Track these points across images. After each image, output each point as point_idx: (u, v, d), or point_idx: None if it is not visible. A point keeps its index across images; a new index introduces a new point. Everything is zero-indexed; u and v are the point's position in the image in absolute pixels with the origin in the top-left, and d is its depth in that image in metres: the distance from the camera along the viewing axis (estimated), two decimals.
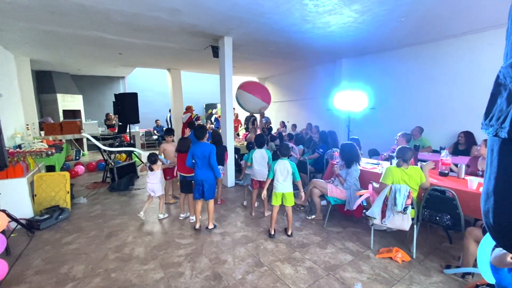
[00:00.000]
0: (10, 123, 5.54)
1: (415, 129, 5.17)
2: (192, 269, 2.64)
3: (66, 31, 4.65)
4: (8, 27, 4.38)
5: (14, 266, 2.69)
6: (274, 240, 3.23)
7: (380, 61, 6.35)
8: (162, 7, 3.64)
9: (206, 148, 3.34)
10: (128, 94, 6.08)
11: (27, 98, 6.70)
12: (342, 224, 3.66)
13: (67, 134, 6.40)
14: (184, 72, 9.33)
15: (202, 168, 3.36)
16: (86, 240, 3.26)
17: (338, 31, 4.73)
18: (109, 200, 4.70)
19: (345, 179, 3.52)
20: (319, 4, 3.55)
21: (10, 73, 6.06)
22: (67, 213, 3.94)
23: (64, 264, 2.75)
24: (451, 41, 5.07)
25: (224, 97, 5.28)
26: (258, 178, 3.91)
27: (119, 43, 5.51)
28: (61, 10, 3.71)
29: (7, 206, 3.06)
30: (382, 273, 2.56)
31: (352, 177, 3.48)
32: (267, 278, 2.49)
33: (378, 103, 6.17)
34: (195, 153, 3.34)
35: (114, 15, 3.90)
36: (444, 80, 5.25)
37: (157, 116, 11.49)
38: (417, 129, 5.16)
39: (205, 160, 3.33)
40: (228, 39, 5.08)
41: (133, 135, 8.90)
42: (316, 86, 8.47)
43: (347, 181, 3.49)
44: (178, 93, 9.02)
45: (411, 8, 3.72)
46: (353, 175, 3.48)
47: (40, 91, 8.69)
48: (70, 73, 9.68)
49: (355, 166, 3.51)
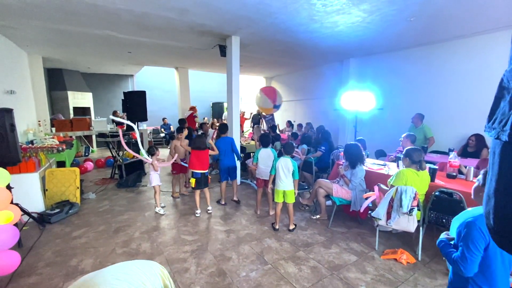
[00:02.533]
0: (23, 119, 5.69)
1: (416, 116, 5.09)
2: (197, 265, 2.69)
3: (78, 30, 4.75)
4: (21, 25, 4.50)
5: (26, 258, 2.78)
6: (278, 238, 3.25)
7: (389, 61, 6.29)
8: (171, 6, 3.68)
9: (227, 140, 4.32)
10: (137, 92, 6.17)
11: (39, 95, 6.87)
12: (347, 225, 3.65)
13: (77, 131, 6.54)
14: (191, 70, 9.40)
15: (226, 156, 4.23)
16: (94, 234, 3.34)
17: (346, 31, 4.70)
18: (117, 196, 4.79)
19: (350, 179, 3.51)
20: (327, 3, 3.55)
21: (23, 71, 6.22)
22: (77, 208, 4.04)
23: (73, 257, 2.82)
24: (462, 41, 4.98)
25: (231, 96, 5.31)
26: (264, 177, 3.94)
27: (129, 42, 5.59)
28: (73, 10, 3.80)
29: (20, 200, 3.16)
30: (386, 274, 2.56)
31: (357, 177, 3.47)
32: (270, 276, 2.51)
33: (386, 103, 6.11)
34: (220, 146, 4.17)
35: (124, 14, 3.97)
36: (454, 81, 5.17)
37: (164, 114, 11.61)
38: (418, 116, 5.08)
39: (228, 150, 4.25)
40: (235, 38, 5.11)
41: (141, 133, 9.02)
42: (323, 86, 8.43)
43: (352, 182, 3.48)
44: (185, 91, 9.10)
45: (421, 8, 3.68)
46: (358, 176, 3.47)
47: (51, 88, 8.88)
48: (81, 71, 9.86)
49: (359, 166, 3.50)
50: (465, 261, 1.29)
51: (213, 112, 13.38)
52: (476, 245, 1.27)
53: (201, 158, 3.80)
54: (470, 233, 1.29)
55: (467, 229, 1.30)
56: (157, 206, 4.01)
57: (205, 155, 3.85)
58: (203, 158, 3.82)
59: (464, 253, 1.30)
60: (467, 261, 1.28)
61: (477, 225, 1.27)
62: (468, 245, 1.29)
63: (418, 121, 5.06)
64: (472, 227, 1.28)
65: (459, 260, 1.32)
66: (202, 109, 12.95)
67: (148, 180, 4.19)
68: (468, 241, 1.29)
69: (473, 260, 1.28)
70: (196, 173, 3.81)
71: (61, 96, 8.93)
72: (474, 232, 1.27)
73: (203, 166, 3.81)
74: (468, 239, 1.29)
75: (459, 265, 1.31)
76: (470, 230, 1.29)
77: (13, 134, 2.92)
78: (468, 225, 1.31)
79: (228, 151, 4.26)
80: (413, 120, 5.11)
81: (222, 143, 4.25)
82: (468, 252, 1.28)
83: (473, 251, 1.27)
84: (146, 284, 0.95)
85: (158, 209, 4.00)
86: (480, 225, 1.27)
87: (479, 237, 1.26)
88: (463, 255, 1.30)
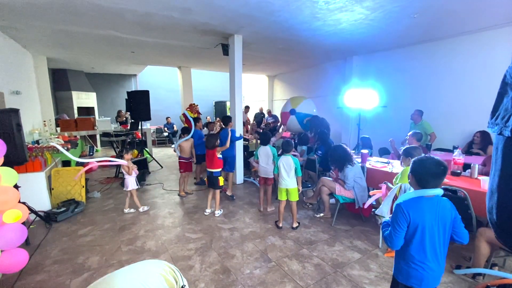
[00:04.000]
0: (28, 119, 5.76)
1: (415, 112, 5.04)
2: (201, 262, 2.71)
3: (82, 30, 4.79)
4: (25, 26, 4.55)
5: (34, 256, 2.82)
6: (282, 236, 3.26)
7: (392, 58, 6.25)
8: (174, 6, 3.70)
9: (227, 131, 4.41)
10: (140, 92, 6.21)
11: (44, 95, 6.94)
12: (350, 223, 3.65)
13: (82, 131, 6.60)
14: (194, 70, 9.42)
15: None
16: (100, 232, 3.38)
17: (349, 28, 4.68)
18: (122, 194, 4.83)
19: (344, 181, 3.51)
20: (330, 1, 3.53)
21: (28, 72, 6.29)
22: (82, 206, 4.08)
23: (80, 254, 2.87)
24: (466, 37, 4.94)
25: (234, 94, 5.32)
26: (263, 175, 4.01)
27: (132, 42, 5.62)
28: (77, 10, 3.83)
29: (27, 199, 3.21)
30: (390, 271, 2.56)
31: (349, 178, 3.43)
32: (274, 273, 2.53)
33: (390, 101, 6.08)
34: (221, 137, 4.15)
35: (127, 14, 3.99)
36: (458, 78, 5.12)
37: (167, 114, 11.65)
38: (417, 112, 5.03)
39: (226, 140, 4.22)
40: (238, 37, 5.11)
41: (145, 132, 9.08)
42: (326, 84, 8.40)
43: (347, 183, 3.46)
44: (189, 90, 9.13)
45: (424, 5, 3.65)
46: (349, 176, 3.43)
47: (56, 88, 8.97)
48: (84, 71, 9.94)
49: (348, 167, 3.46)
50: (391, 237, 1.50)
51: (216, 111, 13.40)
52: (400, 223, 1.47)
53: (209, 157, 3.88)
54: (396, 213, 1.49)
55: (395, 210, 1.51)
56: (139, 206, 4.06)
57: (213, 154, 3.86)
58: (211, 156, 3.87)
59: (391, 230, 1.51)
60: (392, 236, 1.49)
61: (401, 206, 1.48)
62: (393, 223, 1.50)
63: (418, 118, 5.02)
64: (398, 208, 1.49)
65: (387, 236, 1.54)
66: (205, 108, 12.96)
67: (148, 179, 4.21)
68: (394, 220, 1.50)
69: (397, 235, 1.48)
70: (207, 171, 3.94)
71: (65, 96, 9.01)
72: (398, 212, 1.48)
73: (211, 165, 3.86)
74: (394, 218, 1.50)
75: (387, 240, 1.53)
76: (396, 211, 1.50)
77: (19, 134, 2.96)
78: (396, 206, 1.51)
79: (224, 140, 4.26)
80: (412, 117, 5.08)
81: (223, 134, 4.39)
82: (394, 229, 1.49)
83: (396, 228, 1.48)
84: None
85: (142, 208, 4.07)
86: (403, 206, 1.47)
87: (401, 216, 1.46)
88: (390, 232, 1.51)
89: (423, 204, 1.47)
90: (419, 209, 1.45)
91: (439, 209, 1.46)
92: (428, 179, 1.47)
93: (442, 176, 1.48)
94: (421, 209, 1.45)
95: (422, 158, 1.54)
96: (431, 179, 1.47)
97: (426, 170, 1.48)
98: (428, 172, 1.47)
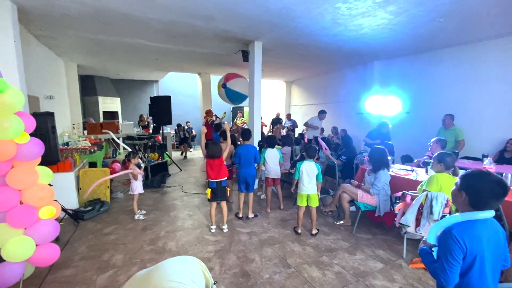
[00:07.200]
0: (59, 122, 6.10)
1: (447, 117, 4.85)
2: (221, 265, 2.73)
3: (111, 39, 5.07)
4: (60, 35, 4.87)
5: (63, 251, 2.97)
6: (301, 243, 3.23)
7: (416, 63, 6.08)
8: (198, 14, 3.83)
9: (250, 149, 3.91)
10: (163, 97, 6.43)
11: (73, 100, 7.36)
12: (372, 231, 3.55)
13: (107, 134, 6.90)
14: (213, 76, 9.63)
15: (245, 165, 3.86)
16: (124, 231, 3.51)
17: (370, 33, 4.63)
18: (143, 196, 4.97)
19: (373, 183, 3.42)
20: (352, 7, 3.52)
21: (60, 78, 6.71)
22: (107, 206, 4.26)
23: (105, 252, 2.98)
24: (496, 41, 4.72)
25: (253, 100, 5.38)
26: (272, 176, 4.18)
27: (156, 49, 5.86)
28: (108, 20, 4.06)
29: (57, 197, 3.35)
30: (415, 283, 2.46)
31: (381, 181, 3.35)
32: (294, 280, 2.50)
33: (413, 107, 5.90)
34: (241, 153, 3.82)
35: (153, 23, 4.18)
36: (487, 83, 4.89)
37: (187, 118, 11.94)
38: (448, 116, 4.83)
39: (249, 159, 3.87)
40: (258, 43, 5.19)
41: (165, 136, 9.35)
42: (345, 89, 8.29)
43: (375, 186, 3.37)
44: (208, 96, 9.34)
45: (451, 8, 3.55)
46: (382, 180, 3.35)
47: (83, 93, 9.48)
48: (110, 77, 10.45)
49: (383, 170, 3.40)
50: (444, 273, 1.23)
51: (233, 116, 13.58)
52: (454, 256, 1.21)
53: (214, 166, 3.39)
54: (447, 243, 1.23)
55: (445, 239, 1.25)
56: (136, 213, 3.96)
57: (219, 162, 3.41)
58: (217, 166, 3.40)
59: (443, 265, 1.24)
60: (447, 272, 1.23)
61: (453, 234, 1.21)
62: (446, 256, 1.23)
63: (450, 122, 4.82)
64: (449, 236, 1.22)
65: (439, 272, 1.26)
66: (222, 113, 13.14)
67: (169, 182, 4.29)
68: (446, 252, 1.23)
69: (452, 271, 1.22)
70: (212, 182, 3.37)
71: (92, 101, 9.50)
72: (451, 242, 1.21)
73: (218, 174, 3.38)
74: (446, 249, 1.23)
75: (440, 277, 1.26)
76: (447, 240, 1.23)
77: (54, 136, 3.16)
78: (446, 234, 1.25)
79: (250, 160, 3.88)
80: (443, 122, 4.88)
81: (244, 150, 3.85)
82: (447, 263, 1.23)
83: (451, 262, 1.22)
84: (196, 282, 1.03)
85: (138, 216, 3.93)
86: (456, 234, 1.21)
87: (456, 247, 1.20)
88: (442, 267, 1.24)
89: (479, 229, 1.23)
90: (476, 236, 1.21)
91: (493, 233, 1.26)
92: (490, 201, 1.22)
93: (503, 197, 1.22)
94: (477, 236, 1.21)
95: (482, 174, 1.26)
96: (493, 201, 1.22)
97: (489, 189, 1.21)
98: (492, 191, 1.21)
